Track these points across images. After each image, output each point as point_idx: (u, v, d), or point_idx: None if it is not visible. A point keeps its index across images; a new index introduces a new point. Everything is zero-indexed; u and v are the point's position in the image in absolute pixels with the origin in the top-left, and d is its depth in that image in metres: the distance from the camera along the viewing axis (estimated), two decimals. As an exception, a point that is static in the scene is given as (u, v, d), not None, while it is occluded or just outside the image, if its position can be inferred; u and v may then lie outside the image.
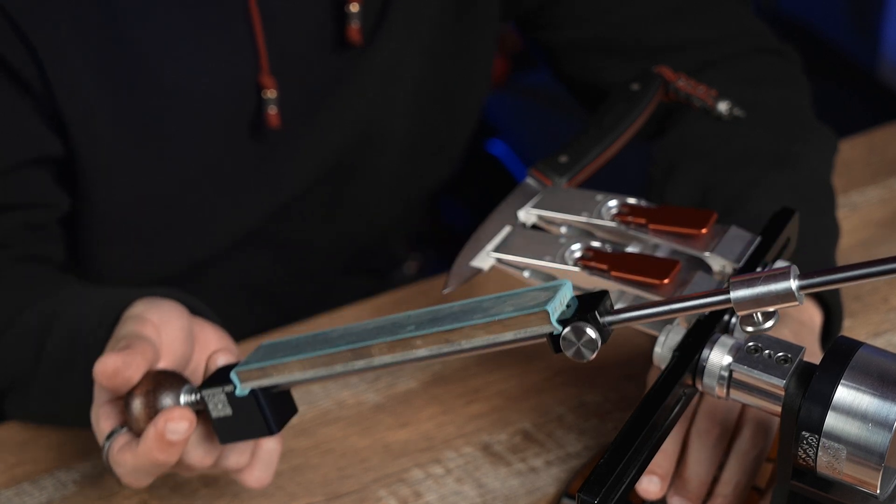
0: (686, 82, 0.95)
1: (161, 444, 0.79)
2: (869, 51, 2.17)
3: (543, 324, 0.69)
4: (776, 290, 0.65)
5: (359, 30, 1.01)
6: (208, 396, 0.80)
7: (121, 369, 0.80)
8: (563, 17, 1.11)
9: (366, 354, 0.75)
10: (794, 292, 0.65)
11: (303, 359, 0.77)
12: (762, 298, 0.65)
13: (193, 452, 0.83)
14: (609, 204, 0.83)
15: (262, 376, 0.79)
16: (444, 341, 0.73)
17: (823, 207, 0.99)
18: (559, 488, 0.91)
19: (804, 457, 0.69)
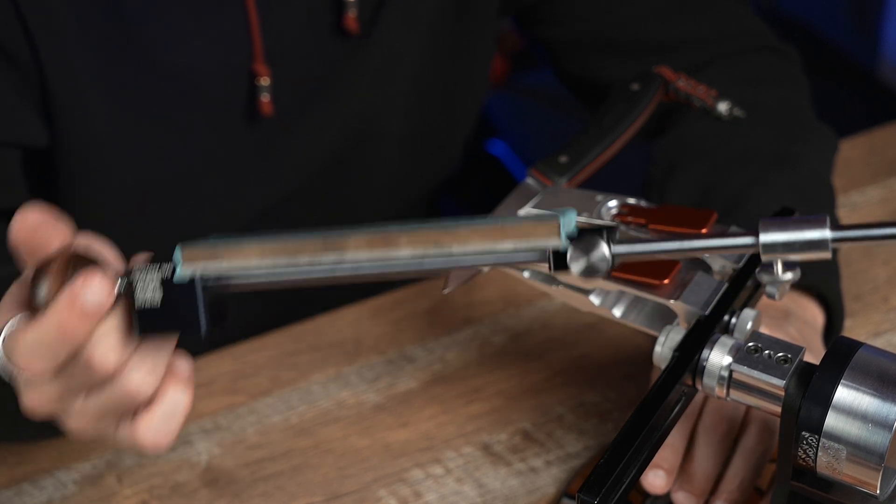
0: (686, 82, 0.95)
1: (73, 310, 0.65)
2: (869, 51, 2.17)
3: (550, 236, 0.63)
4: (809, 238, 0.62)
5: (356, 18, 1.00)
6: (139, 275, 0.67)
7: (43, 225, 0.68)
8: (562, 14, 1.11)
9: (338, 247, 0.64)
10: (827, 241, 0.62)
11: (263, 245, 0.65)
12: (792, 244, 0.62)
13: (104, 340, 0.67)
14: (609, 204, 0.83)
15: (211, 258, 0.66)
16: (433, 243, 0.63)
17: (824, 207, 0.99)
18: (559, 488, 0.91)
19: (804, 457, 0.69)
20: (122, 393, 0.69)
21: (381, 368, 1.02)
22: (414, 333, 1.05)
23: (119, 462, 0.95)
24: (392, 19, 1.03)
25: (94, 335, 0.67)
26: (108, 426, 0.72)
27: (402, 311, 1.07)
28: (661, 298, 0.76)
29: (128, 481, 0.94)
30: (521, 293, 1.07)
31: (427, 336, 1.04)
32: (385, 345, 1.04)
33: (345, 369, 1.02)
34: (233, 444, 0.96)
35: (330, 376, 1.01)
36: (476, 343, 1.03)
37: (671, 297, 0.76)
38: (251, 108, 1.01)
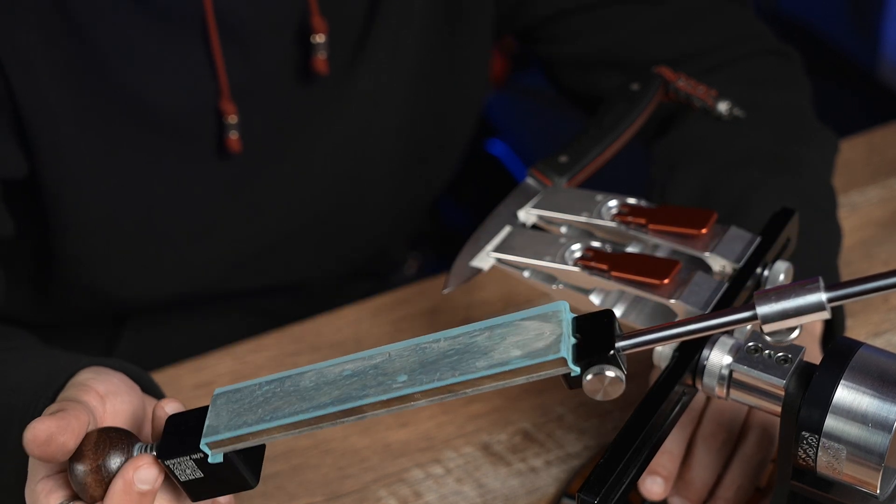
0: (686, 82, 0.95)
1: (130, 496, 0.71)
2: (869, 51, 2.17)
3: (559, 367, 0.64)
4: (805, 304, 0.64)
5: (325, 60, 0.99)
6: (174, 465, 0.71)
7: (55, 435, 0.71)
8: (562, 33, 1.10)
9: (357, 412, 0.67)
10: (823, 304, 0.63)
11: (285, 423, 0.69)
12: (790, 313, 0.64)
13: None
14: (609, 204, 0.83)
15: (237, 442, 0.70)
16: (448, 392, 0.66)
17: (826, 211, 0.99)
18: (559, 488, 0.91)
19: (804, 457, 0.69)
20: None
21: (381, 368, 1.02)
22: (414, 333, 1.04)
23: (119, 462, 0.95)
24: (375, 54, 1.02)
25: None
26: None
27: (402, 311, 1.07)
28: (661, 298, 0.76)
29: (128, 481, 0.93)
30: (521, 293, 1.07)
31: (427, 336, 1.04)
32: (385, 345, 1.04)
33: (345, 369, 1.02)
34: (233, 444, 0.96)
35: (330, 376, 1.01)
36: (476, 343, 1.03)
37: (671, 296, 0.76)
38: (220, 145, 1.00)
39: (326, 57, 0.99)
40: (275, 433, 0.70)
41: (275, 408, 0.69)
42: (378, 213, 1.14)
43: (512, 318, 0.66)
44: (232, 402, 0.71)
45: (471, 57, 1.10)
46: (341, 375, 0.68)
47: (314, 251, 1.12)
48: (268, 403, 0.70)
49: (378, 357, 0.68)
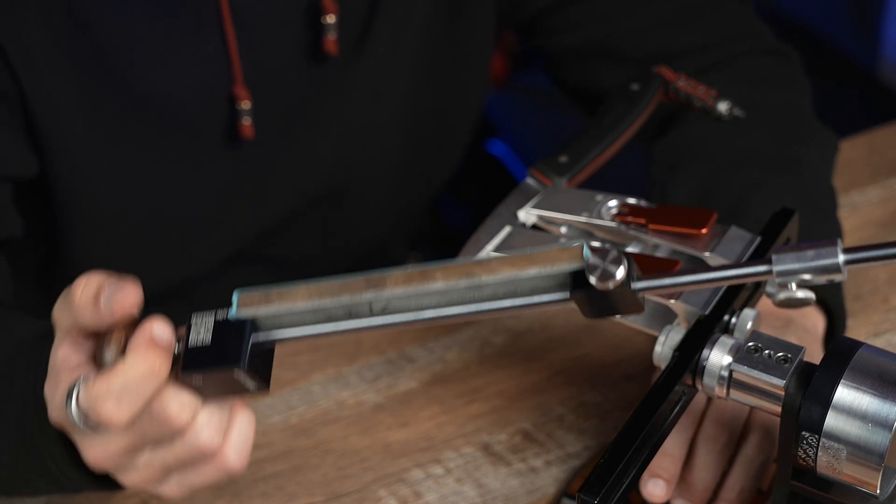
0: (686, 82, 0.95)
1: (150, 348, 0.69)
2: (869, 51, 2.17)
3: (574, 260, 0.65)
4: (822, 265, 0.63)
5: (335, 41, 1.00)
6: (197, 321, 0.71)
7: (117, 289, 0.70)
8: (561, 26, 1.10)
9: (380, 284, 0.68)
10: (839, 266, 0.63)
11: (309, 287, 0.69)
12: (807, 270, 0.64)
13: (177, 395, 0.71)
14: (609, 204, 0.83)
15: (264, 302, 0.70)
16: (465, 274, 0.66)
17: (827, 211, 0.99)
18: (559, 488, 0.91)
19: (804, 457, 0.69)
20: (191, 449, 0.72)
21: (381, 368, 1.02)
22: (414, 333, 1.05)
23: (119, 462, 0.95)
24: (379, 38, 1.02)
25: (168, 390, 0.70)
26: (166, 479, 0.75)
27: (402, 311, 1.07)
28: (661, 298, 0.76)
29: (128, 481, 0.93)
30: (521, 293, 1.07)
31: (427, 336, 1.04)
32: (385, 345, 1.04)
33: (345, 369, 1.02)
34: (233, 444, 0.96)
35: (330, 376, 1.01)
36: (476, 343, 1.03)
37: (671, 296, 0.76)
38: (232, 132, 1.00)
39: (336, 38, 1.00)
40: (300, 296, 0.70)
41: (309, 283, 0.70)
42: (379, 208, 1.14)
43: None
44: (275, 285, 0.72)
45: (472, 50, 1.11)
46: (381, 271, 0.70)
47: (316, 237, 1.13)
48: (306, 281, 0.71)
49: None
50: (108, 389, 0.69)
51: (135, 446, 0.73)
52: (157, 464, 0.74)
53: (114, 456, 0.73)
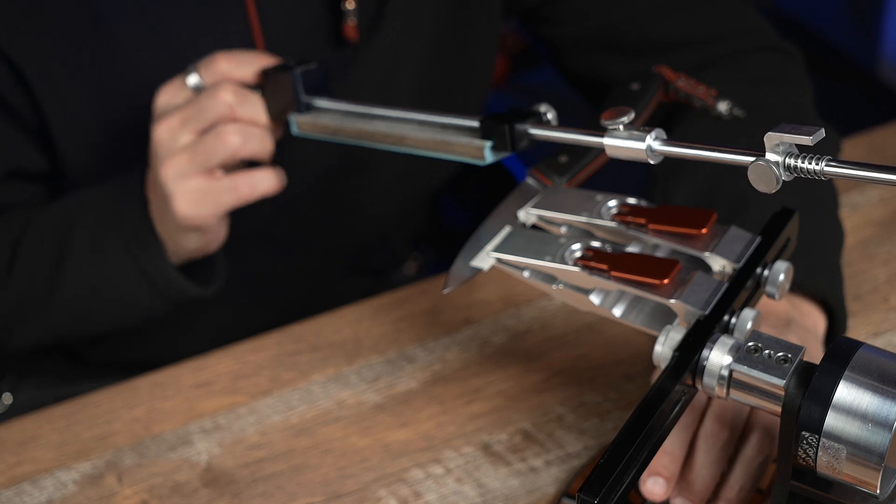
0: (686, 82, 0.95)
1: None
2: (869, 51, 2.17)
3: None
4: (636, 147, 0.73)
5: (355, 27, 1.01)
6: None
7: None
8: (566, 13, 1.11)
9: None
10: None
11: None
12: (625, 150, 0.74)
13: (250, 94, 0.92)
14: (609, 204, 0.83)
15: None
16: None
17: (829, 210, 0.99)
18: (559, 488, 0.91)
19: (804, 457, 0.69)
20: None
21: (381, 368, 1.02)
22: (414, 333, 1.05)
23: (119, 462, 0.95)
24: (391, 23, 1.03)
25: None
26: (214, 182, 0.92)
27: (402, 311, 1.07)
28: (661, 298, 0.76)
29: (128, 481, 0.94)
30: (521, 293, 1.07)
31: (427, 336, 1.04)
32: (385, 345, 1.04)
33: (345, 369, 1.02)
34: (233, 444, 0.96)
35: (330, 376, 1.02)
36: (476, 343, 1.03)
37: (671, 296, 0.76)
38: None
39: (356, 24, 1.01)
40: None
41: None
42: (384, 195, 1.14)
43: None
44: None
45: (479, 40, 1.11)
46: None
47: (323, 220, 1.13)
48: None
49: None
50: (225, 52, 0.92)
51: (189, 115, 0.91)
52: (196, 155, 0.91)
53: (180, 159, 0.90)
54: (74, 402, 1.01)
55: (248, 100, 0.93)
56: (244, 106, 0.92)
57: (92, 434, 0.98)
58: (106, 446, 0.97)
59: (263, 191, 0.94)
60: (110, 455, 0.96)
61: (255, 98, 0.93)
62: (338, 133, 0.93)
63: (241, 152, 0.92)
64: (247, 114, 0.93)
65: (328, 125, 0.93)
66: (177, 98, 0.94)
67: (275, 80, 0.93)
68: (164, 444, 0.97)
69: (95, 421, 0.99)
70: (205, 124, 0.92)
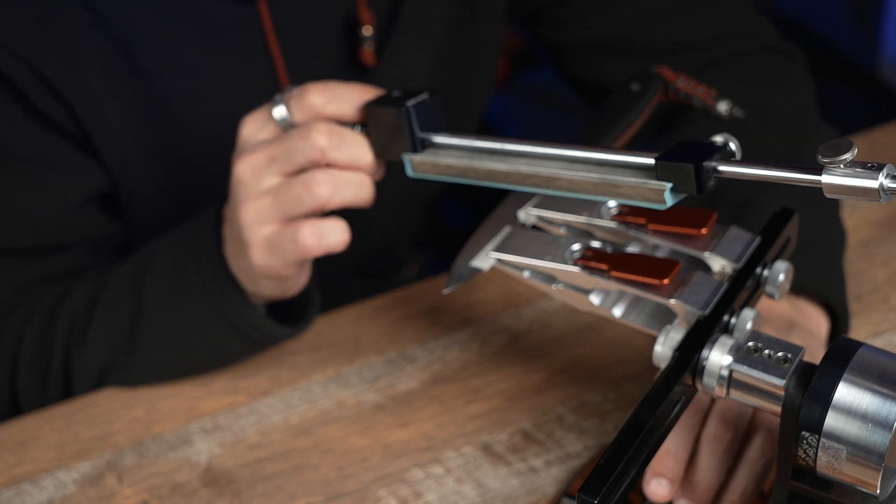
0: (686, 82, 0.94)
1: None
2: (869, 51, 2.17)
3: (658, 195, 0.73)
4: (867, 186, 0.64)
5: (372, 52, 1.01)
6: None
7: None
8: (567, 17, 1.11)
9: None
10: (880, 191, 0.64)
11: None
12: (851, 189, 0.65)
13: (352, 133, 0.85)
14: (609, 204, 0.83)
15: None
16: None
17: (831, 212, 0.99)
18: (559, 488, 0.91)
19: (804, 457, 0.69)
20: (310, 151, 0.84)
21: (381, 368, 1.02)
22: (414, 333, 1.05)
23: (119, 462, 0.95)
24: (403, 41, 1.03)
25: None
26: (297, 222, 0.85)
27: (402, 311, 1.07)
28: (661, 298, 0.76)
29: (128, 481, 0.94)
30: (521, 293, 1.07)
31: (427, 336, 1.04)
32: (385, 345, 1.04)
33: (345, 369, 1.02)
34: (233, 444, 0.96)
35: (330, 376, 1.02)
36: (476, 343, 1.03)
37: (671, 297, 0.76)
38: None
39: (373, 49, 1.00)
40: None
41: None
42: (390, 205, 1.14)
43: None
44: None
45: (485, 42, 1.11)
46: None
47: None
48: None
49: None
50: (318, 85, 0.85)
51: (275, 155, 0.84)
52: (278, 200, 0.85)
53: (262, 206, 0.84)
54: (74, 402, 1.01)
55: (345, 141, 0.85)
56: (340, 149, 0.84)
57: (92, 434, 0.98)
58: (106, 446, 0.97)
59: (332, 245, 0.86)
60: (110, 455, 0.96)
61: (356, 137, 0.85)
62: (465, 174, 0.83)
63: (331, 203, 0.85)
64: (344, 157, 0.85)
65: (453, 165, 0.83)
66: (262, 132, 0.88)
67: (380, 115, 0.85)
68: (164, 444, 0.97)
69: (95, 421, 0.99)
70: (293, 167, 0.85)
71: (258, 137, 0.87)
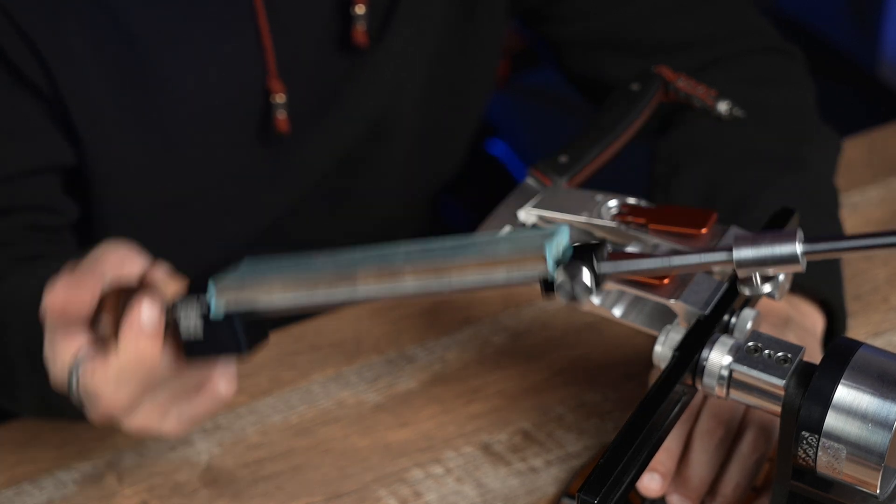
0: (686, 82, 0.94)
1: (140, 333, 0.72)
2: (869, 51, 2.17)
3: (538, 265, 0.66)
4: (780, 254, 0.63)
5: (364, 31, 1.00)
6: (181, 309, 0.74)
7: (71, 296, 0.73)
8: (568, 13, 1.11)
9: (350, 278, 0.70)
10: (798, 257, 0.63)
11: (284, 277, 0.72)
12: (765, 260, 0.64)
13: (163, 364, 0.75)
14: (609, 204, 0.83)
15: (240, 290, 0.73)
16: (435, 274, 0.69)
17: (831, 212, 0.99)
18: (559, 488, 0.91)
19: (804, 457, 0.69)
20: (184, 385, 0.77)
21: (381, 368, 1.02)
22: (414, 333, 1.05)
23: (119, 462, 0.95)
24: (401, 25, 1.03)
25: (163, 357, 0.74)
26: (166, 417, 0.78)
27: (402, 311, 1.07)
28: (661, 298, 0.76)
29: (128, 481, 0.94)
30: (521, 293, 1.07)
31: (427, 336, 1.04)
32: (385, 345, 1.04)
33: (345, 369, 1.02)
34: (233, 444, 0.96)
35: (330, 376, 1.02)
36: (476, 343, 1.03)
37: (671, 296, 0.76)
38: (266, 126, 1.01)
39: (366, 29, 1.00)
40: (275, 287, 0.73)
41: (283, 271, 0.73)
42: (387, 199, 1.14)
43: (516, 232, 0.71)
44: (251, 267, 0.75)
45: (485, 40, 1.11)
46: (351, 255, 0.72)
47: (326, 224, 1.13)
48: (280, 270, 0.74)
49: (389, 249, 0.71)
50: (106, 378, 0.73)
51: (133, 401, 0.76)
52: (155, 405, 0.77)
53: (116, 382, 0.75)
54: (74, 402, 1.01)
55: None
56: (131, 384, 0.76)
57: (92, 434, 0.98)
58: (106, 446, 0.97)
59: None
60: (110, 455, 0.96)
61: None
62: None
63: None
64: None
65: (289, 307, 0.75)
66: None
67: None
68: (164, 443, 0.96)
69: (95, 421, 0.99)
70: None
71: None
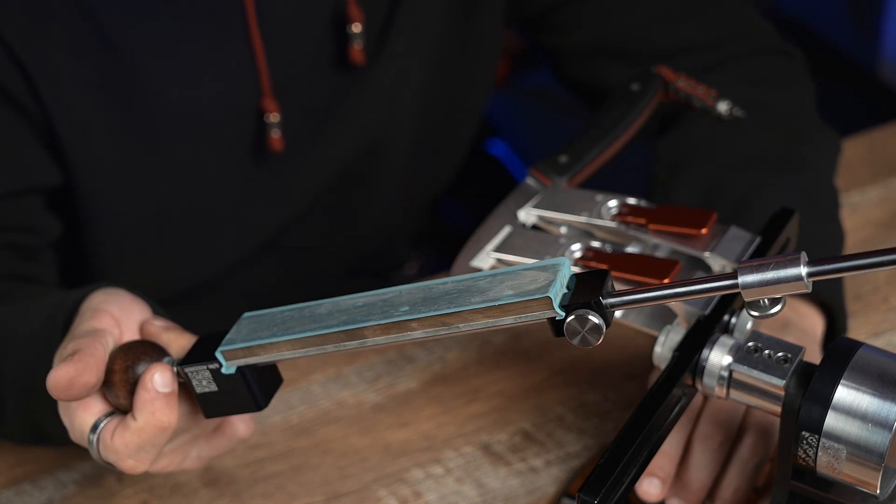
0: (686, 82, 0.95)
1: (152, 401, 0.75)
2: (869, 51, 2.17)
3: (545, 309, 0.67)
4: (785, 276, 0.63)
5: (362, 50, 1.00)
6: (192, 373, 0.77)
7: (74, 379, 0.75)
8: (567, 22, 1.10)
9: (358, 336, 0.72)
10: (803, 279, 0.63)
11: (292, 339, 0.74)
12: (770, 284, 0.64)
13: (180, 424, 0.80)
14: (609, 204, 0.83)
15: (249, 355, 0.76)
16: (441, 324, 0.70)
17: (831, 212, 0.99)
18: (559, 488, 0.91)
19: (804, 457, 0.69)
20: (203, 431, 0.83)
21: (381, 368, 1.02)
22: (414, 333, 1.05)
23: (119, 462, 0.95)
24: (399, 42, 1.03)
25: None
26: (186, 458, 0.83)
27: (402, 311, 1.07)
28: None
29: (128, 481, 0.94)
30: (521, 293, 1.07)
31: (427, 336, 1.04)
32: (385, 345, 1.04)
33: (345, 369, 1.02)
34: (233, 444, 0.96)
35: (330, 376, 1.02)
36: (476, 343, 1.03)
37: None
38: (260, 144, 1.01)
39: (363, 47, 1.00)
40: (283, 349, 0.75)
41: (288, 327, 0.75)
42: (387, 205, 1.14)
43: (515, 268, 0.71)
44: (254, 322, 0.77)
45: (482, 48, 1.11)
46: (354, 306, 0.74)
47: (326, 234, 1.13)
48: (284, 324, 0.75)
49: (390, 294, 0.73)
50: (126, 445, 0.77)
51: (155, 458, 0.79)
52: (177, 449, 0.82)
53: (138, 450, 0.78)
54: (74, 402, 1.01)
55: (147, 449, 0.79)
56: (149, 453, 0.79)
57: (92, 434, 0.98)
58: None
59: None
60: (110, 455, 0.96)
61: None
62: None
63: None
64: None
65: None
66: None
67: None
68: (164, 444, 0.97)
69: (95, 421, 0.99)
70: None
71: None
